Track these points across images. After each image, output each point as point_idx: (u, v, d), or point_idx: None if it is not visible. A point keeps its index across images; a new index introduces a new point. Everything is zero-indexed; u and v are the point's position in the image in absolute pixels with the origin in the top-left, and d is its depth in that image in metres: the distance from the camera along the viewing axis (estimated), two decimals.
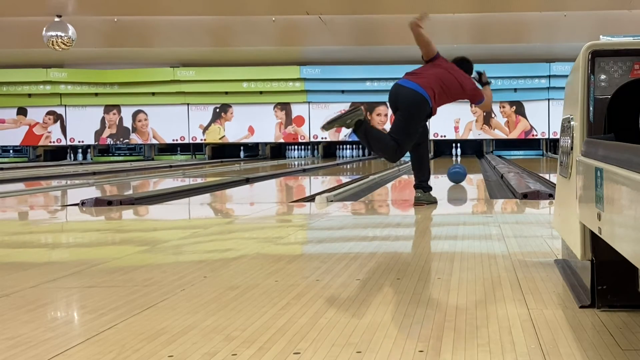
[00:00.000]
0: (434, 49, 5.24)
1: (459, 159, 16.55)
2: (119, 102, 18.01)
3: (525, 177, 8.28)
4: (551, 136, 17.19)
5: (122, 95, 17.91)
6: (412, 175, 5.43)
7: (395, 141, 5.05)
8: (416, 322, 1.91)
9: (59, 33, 12.68)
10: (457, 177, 7.56)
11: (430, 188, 5.31)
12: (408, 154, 5.36)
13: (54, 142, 18.21)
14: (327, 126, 5.05)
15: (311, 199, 5.87)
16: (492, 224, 4.13)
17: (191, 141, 18.04)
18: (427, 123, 5.35)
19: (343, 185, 7.66)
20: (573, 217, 2.07)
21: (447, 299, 2.18)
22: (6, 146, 18.52)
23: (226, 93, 17.79)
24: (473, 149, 18.03)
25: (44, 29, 12.72)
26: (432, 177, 5.46)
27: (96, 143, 18.27)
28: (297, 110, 17.86)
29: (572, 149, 2.15)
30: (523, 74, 17.10)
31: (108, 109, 18.09)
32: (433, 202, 5.27)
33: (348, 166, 14.64)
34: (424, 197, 5.25)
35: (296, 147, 18.55)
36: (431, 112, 5.10)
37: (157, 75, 17.59)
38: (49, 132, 18.17)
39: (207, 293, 2.31)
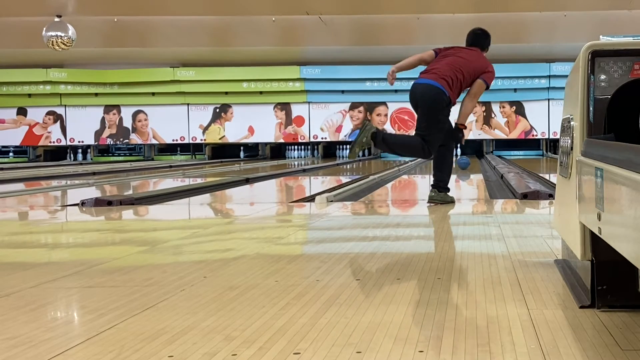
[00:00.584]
0: (429, 54, 5.29)
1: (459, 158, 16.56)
2: (119, 102, 18.01)
3: (525, 177, 8.28)
4: (551, 136, 17.20)
5: (122, 95, 17.91)
6: (412, 176, 5.43)
7: (422, 137, 5.09)
8: (416, 322, 1.91)
9: (59, 33, 12.69)
10: (464, 165, 10.69)
11: (447, 189, 5.29)
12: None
13: (54, 142, 18.21)
14: (351, 155, 5.18)
15: (311, 199, 5.87)
16: (492, 224, 4.13)
17: (191, 141, 18.05)
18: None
19: (343, 185, 7.65)
20: (573, 217, 2.07)
21: (447, 299, 2.18)
22: (6, 146, 18.52)
23: (226, 93, 17.79)
24: (473, 149, 18.03)
25: (44, 29, 12.73)
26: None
27: (96, 143, 18.27)
28: (297, 110, 17.86)
29: (572, 149, 2.15)
30: (523, 74, 17.10)
31: (108, 109, 18.10)
32: (449, 202, 5.26)
33: (348, 166, 14.65)
34: (437, 196, 5.23)
35: (296, 147, 18.55)
36: (450, 101, 5.11)
37: (157, 75, 17.59)
38: (49, 132, 18.17)
39: (207, 293, 2.31)
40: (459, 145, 5.52)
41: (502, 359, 1.59)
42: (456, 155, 17.49)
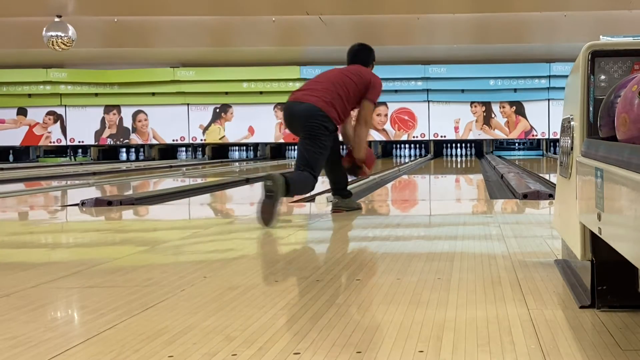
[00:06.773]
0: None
1: (458, 159, 16.56)
2: (119, 102, 18.00)
3: (525, 177, 8.28)
4: (551, 136, 17.20)
5: (122, 96, 17.90)
6: (413, 176, 5.41)
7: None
8: (416, 322, 1.91)
9: (59, 33, 12.68)
10: None
11: (349, 194, 5.10)
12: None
13: (54, 142, 18.20)
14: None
15: (311, 199, 5.87)
16: (492, 224, 4.13)
17: (191, 141, 18.04)
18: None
19: None
20: (573, 217, 2.07)
21: (447, 299, 2.18)
22: (7, 147, 18.50)
23: (226, 93, 17.78)
24: (473, 149, 18.03)
25: (44, 29, 12.72)
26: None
27: (96, 143, 18.26)
28: None
29: (572, 149, 2.15)
30: (523, 74, 17.09)
31: (108, 109, 18.08)
32: (355, 208, 5.02)
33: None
34: (342, 203, 5.00)
35: (296, 147, 18.50)
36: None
37: (157, 75, 17.58)
38: (49, 132, 18.16)
39: (207, 293, 2.31)
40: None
41: (502, 359, 1.59)
42: (456, 155, 17.50)
